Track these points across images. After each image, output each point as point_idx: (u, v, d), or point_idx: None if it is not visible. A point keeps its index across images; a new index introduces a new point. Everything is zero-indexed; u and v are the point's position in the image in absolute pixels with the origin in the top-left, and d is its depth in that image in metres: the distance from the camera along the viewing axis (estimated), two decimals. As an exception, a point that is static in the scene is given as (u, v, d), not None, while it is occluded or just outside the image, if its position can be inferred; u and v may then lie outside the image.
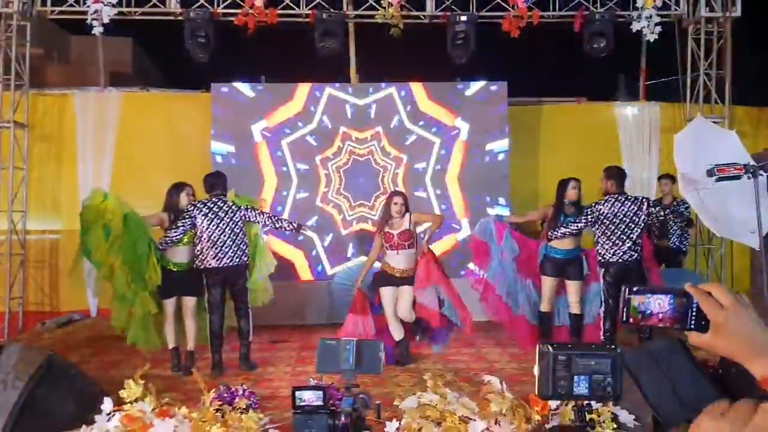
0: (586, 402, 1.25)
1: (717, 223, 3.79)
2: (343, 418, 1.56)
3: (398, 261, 5.61)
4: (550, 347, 1.13)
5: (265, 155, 7.90)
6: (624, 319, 1.06)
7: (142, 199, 7.94)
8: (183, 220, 5.39)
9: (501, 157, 7.86)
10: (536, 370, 1.13)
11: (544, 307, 5.91)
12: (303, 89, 7.93)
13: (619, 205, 5.54)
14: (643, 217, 5.47)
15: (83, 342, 6.60)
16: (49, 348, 5.29)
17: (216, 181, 5.61)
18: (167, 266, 5.40)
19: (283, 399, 4.49)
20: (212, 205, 5.44)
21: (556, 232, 5.72)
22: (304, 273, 7.82)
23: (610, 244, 5.52)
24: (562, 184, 5.96)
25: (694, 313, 1.03)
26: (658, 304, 1.04)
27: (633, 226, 5.46)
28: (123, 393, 3.61)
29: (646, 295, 1.06)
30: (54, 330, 7.19)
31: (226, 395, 4.02)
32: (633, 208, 5.51)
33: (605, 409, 3.70)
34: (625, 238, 5.49)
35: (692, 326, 1.03)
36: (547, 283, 5.86)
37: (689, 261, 7.61)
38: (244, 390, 4.15)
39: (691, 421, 3.04)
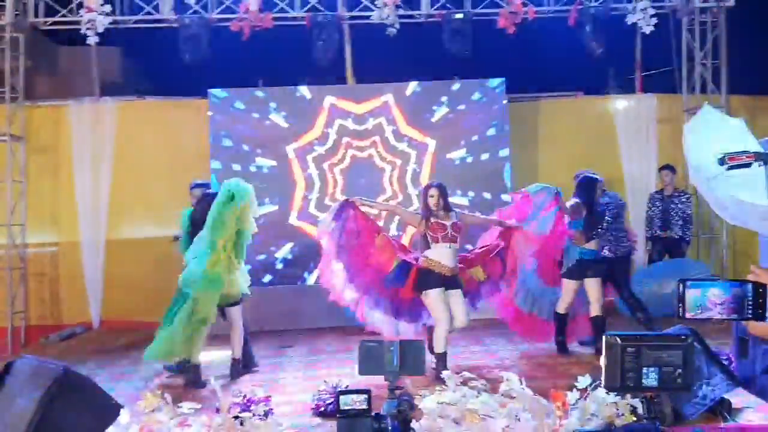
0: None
1: (727, 212, 3.77)
2: (388, 421, 1.54)
3: (448, 257, 5.06)
4: (618, 338, 1.11)
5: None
6: (681, 314, 1.04)
7: (141, 208, 7.95)
8: None
9: (503, 153, 7.83)
10: (602, 362, 1.12)
11: (562, 309, 5.75)
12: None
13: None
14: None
15: (88, 355, 6.53)
16: (53, 361, 5.23)
17: None
18: None
19: (299, 404, 4.47)
20: None
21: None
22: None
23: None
24: (592, 185, 5.75)
25: (750, 302, 1.01)
26: (715, 296, 1.03)
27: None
28: (140, 404, 3.59)
29: (701, 289, 1.04)
30: (58, 344, 7.12)
31: (241, 402, 3.99)
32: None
33: (624, 402, 3.70)
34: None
35: (749, 315, 1.02)
36: (572, 286, 5.70)
37: (691, 251, 7.64)
38: (259, 396, 4.13)
39: (709, 410, 3.05)
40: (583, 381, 3.91)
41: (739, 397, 4.06)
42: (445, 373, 3.79)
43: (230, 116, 7.72)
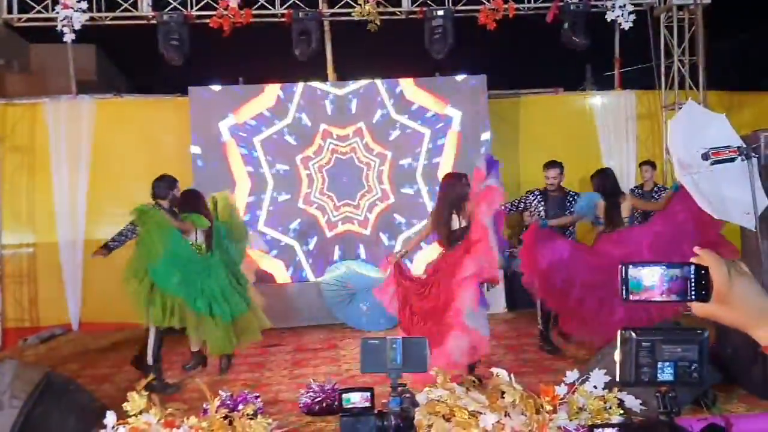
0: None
1: (712, 206, 3.84)
2: (392, 419, 1.53)
3: None
4: (633, 333, 1.12)
5: (235, 155, 7.58)
6: (624, 296, 1.05)
7: (120, 208, 7.79)
8: None
9: (483, 150, 7.84)
10: (617, 356, 1.12)
11: None
12: (274, 86, 7.70)
13: None
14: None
15: (69, 357, 6.43)
16: (35, 364, 5.15)
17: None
18: None
19: (286, 403, 4.45)
20: None
21: None
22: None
23: None
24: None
25: (693, 284, 1.02)
26: (656, 278, 1.03)
27: None
28: (126, 405, 3.53)
29: (641, 269, 1.04)
30: (37, 346, 6.99)
31: (229, 402, 3.96)
32: None
33: (611, 395, 3.74)
34: None
35: (693, 297, 1.03)
36: None
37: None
38: (247, 395, 4.10)
39: (694, 402, 3.06)
40: (571, 375, 3.95)
41: (722, 387, 4.14)
42: (434, 369, 3.79)
43: (210, 114, 7.62)
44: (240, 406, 3.85)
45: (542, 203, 6.16)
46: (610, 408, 3.71)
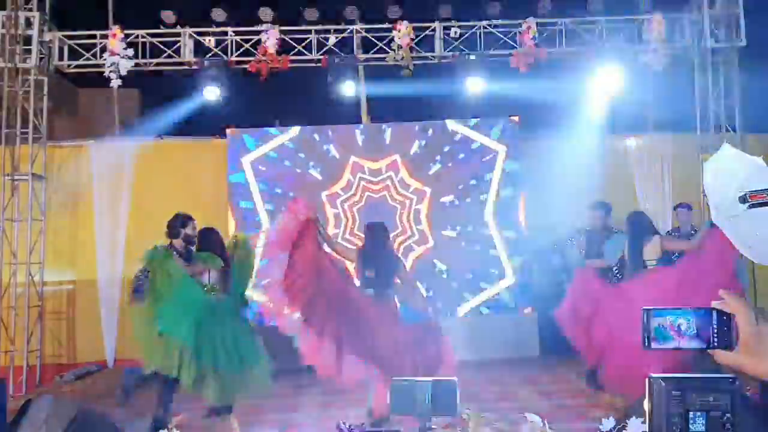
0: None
1: (752, 251, 3.75)
2: (420, 463, 1.52)
3: None
4: (661, 381, 1.10)
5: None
6: (646, 344, 1.02)
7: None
8: None
9: (516, 191, 7.82)
10: (646, 405, 1.10)
11: None
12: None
13: None
14: None
15: (104, 393, 6.49)
16: (70, 400, 5.21)
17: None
18: None
19: (315, 445, 4.41)
20: None
21: None
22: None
23: None
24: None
25: (716, 332, 1.00)
26: (680, 326, 1.01)
27: None
28: (158, 444, 3.55)
29: (666, 317, 1.03)
30: (73, 382, 7.09)
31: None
32: None
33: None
34: None
35: (715, 344, 1.00)
36: None
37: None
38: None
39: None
40: (607, 423, 3.83)
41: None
42: (465, 413, 3.73)
43: (247, 156, 7.80)
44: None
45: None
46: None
